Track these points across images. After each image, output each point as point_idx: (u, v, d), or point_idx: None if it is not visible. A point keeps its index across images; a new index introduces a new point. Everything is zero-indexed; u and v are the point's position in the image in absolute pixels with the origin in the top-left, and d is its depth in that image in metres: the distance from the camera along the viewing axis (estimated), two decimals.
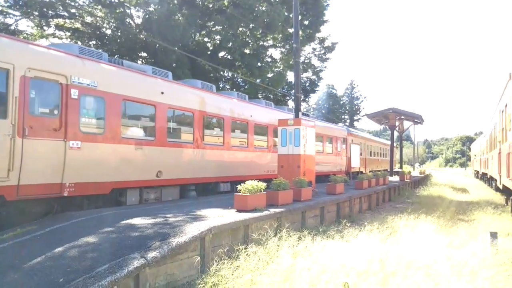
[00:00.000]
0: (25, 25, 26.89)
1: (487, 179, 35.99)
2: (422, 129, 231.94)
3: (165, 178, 12.85)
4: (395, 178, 30.05)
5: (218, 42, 30.90)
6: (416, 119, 38.44)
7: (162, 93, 12.98)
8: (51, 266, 5.77)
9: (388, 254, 7.78)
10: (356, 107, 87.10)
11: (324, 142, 25.59)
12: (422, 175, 40.35)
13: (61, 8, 25.96)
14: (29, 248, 6.80)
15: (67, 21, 27.18)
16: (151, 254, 6.10)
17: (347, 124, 75.77)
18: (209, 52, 30.40)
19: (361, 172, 26.15)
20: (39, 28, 27.12)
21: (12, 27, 25.58)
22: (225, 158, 15.94)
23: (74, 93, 10.07)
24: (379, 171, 31.29)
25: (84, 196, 10.64)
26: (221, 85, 32.84)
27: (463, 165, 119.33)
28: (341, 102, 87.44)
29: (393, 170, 36.48)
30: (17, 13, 25.49)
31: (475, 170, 53.04)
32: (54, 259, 6.06)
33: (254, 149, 18.07)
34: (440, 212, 14.37)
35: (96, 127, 10.83)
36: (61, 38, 27.75)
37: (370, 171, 30.52)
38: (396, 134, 39.99)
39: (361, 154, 32.08)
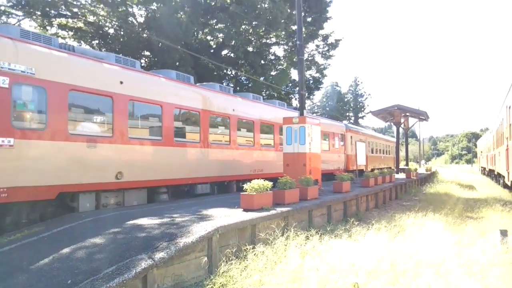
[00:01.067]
0: (28, 24, 26.80)
1: (495, 176, 35.77)
2: (427, 126, 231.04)
3: (127, 180, 11.44)
4: (401, 176, 29.89)
5: (221, 40, 30.80)
6: (421, 115, 38.28)
7: (122, 83, 11.58)
8: (59, 268, 5.73)
9: (397, 253, 7.71)
10: (361, 104, 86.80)
11: (323, 139, 24.32)
12: (429, 172, 40.18)
13: (64, 8, 25.92)
14: (37, 249, 6.78)
15: (70, 20, 27.15)
16: (159, 255, 6.05)
17: (351, 121, 75.52)
18: (212, 50, 30.33)
19: (362, 171, 25.15)
20: (42, 28, 27.09)
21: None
22: (202, 157, 14.65)
23: (3, 81, 8.65)
24: (381, 169, 30.93)
25: (26, 202, 9.20)
26: (224, 83, 32.75)
27: (469, 161, 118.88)
28: (346, 100, 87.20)
29: (399, 167, 36.34)
30: (20, 13, 25.47)
31: (481, 167, 52.77)
32: (61, 260, 6.03)
33: (238, 147, 16.84)
34: (447, 209, 14.28)
35: (36, 122, 9.37)
36: (64, 38, 27.73)
37: (372, 169, 29.86)
38: (401, 131, 39.77)
39: (371, 151, 31.72)
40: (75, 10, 26.51)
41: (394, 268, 6.81)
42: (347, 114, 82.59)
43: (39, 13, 24.85)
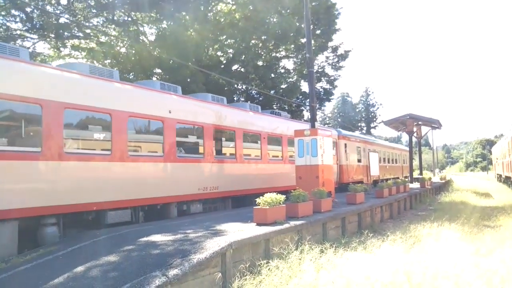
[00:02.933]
0: (42, 47, 27.37)
1: (511, 183, 35.21)
2: (440, 134, 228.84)
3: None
4: (416, 185, 29.57)
5: (231, 55, 31.06)
6: (434, 124, 37.93)
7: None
8: (74, 287, 5.77)
9: (413, 265, 7.61)
10: (372, 114, 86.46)
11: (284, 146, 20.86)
12: (443, 181, 39.66)
13: (76, 29, 26.46)
14: (52, 268, 6.83)
15: (82, 41, 27.66)
16: (173, 272, 6.05)
17: (363, 131, 75.14)
18: (222, 66, 30.56)
19: (361, 182, 22.81)
20: (55, 50, 27.65)
21: (30, 50, 26.13)
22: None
23: None
24: (387, 180, 28.52)
25: None
26: (235, 98, 32.92)
27: (484, 169, 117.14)
28: (357, 110, 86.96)
29: (413, 177, 35.95)
30: (35, 36, 26.07)
31: (497, 174, 51.98)
32: (76, 279, 6.07)
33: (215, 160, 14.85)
34: (464, 218, 14.06)
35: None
36: (77, 58, 28.24)
37: (375, 181, 27.87)
38: (414, 140, 39.45)
39: (359, 160, 28.36)
40: (88, 31, 27.04)
41: (410, 280, 6.71)
42: (359, 124, 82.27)
43: (52, 35, 25.38)
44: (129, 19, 27.12)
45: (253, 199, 15.19)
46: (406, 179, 27.69)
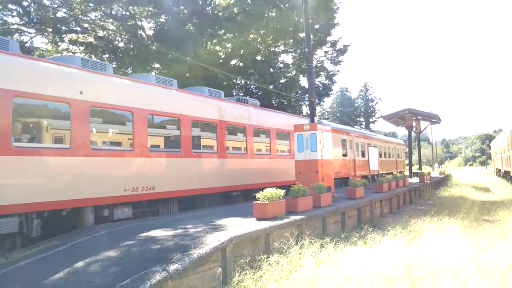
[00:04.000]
0: (40, 41, 27.27)
1: (510, 177, 35.29)
2: (439, 129, 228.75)
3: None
4: (415, 180, 29.61)
5: (229, 50, 30.97)
6: (433, 119, 37.98)
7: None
8: (74, 282, 5.76)
9: (413, 259, 7.60)
10: (371, 109, 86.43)
11: (273, 139, 18.47)
12: (442, 176, 39.73)
13: (74, 23, 26.34)
14: (52, 263, 6.82)
15: (80, 35, 27.55)
16: (173, 267, 6.04)
17: (362, 126, 75.13)
18: (221, 61, 30.49)
19: (347, 178, 20.40)
20: (53, 44, 27.54)
21: (28, 44, 26.02)
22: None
23: None
24: (380, 175, 26.75)
25: None
26: (234, 93, 32.86)
27: (483, 163, 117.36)
28: (356, 105, 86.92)
29: (412, 171, 36.00)
30: (32, 31, 25.94)
31: (496, 169, 52.06)
32: (77, 274, 6.05)
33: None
34: (463, 213, 14.07)
35: None
36: (75, 53, 28.12)
37: (363, 177, 24.25)
38: (413, 135, 39.46)
39: (345, 155, 25.28)
40: (86, 25, 26.91)
41: (411, 274, 6.71)
42: (358, 119, 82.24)
43: (50, 30, 25.26)
44: (127, 13, 27.00)
45: (215, 199, 14.71)
46: (400, 174, 26.44)
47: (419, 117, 37.17)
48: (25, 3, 24.21)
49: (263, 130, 17.95)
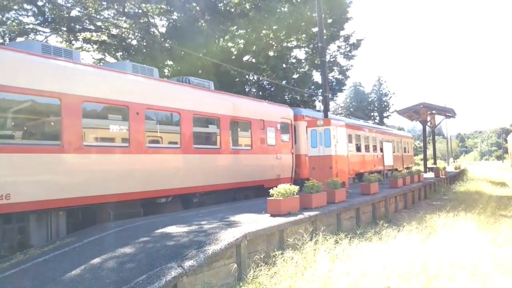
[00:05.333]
0: (55, 40, 27.57)
1: None
2: (454, 123, 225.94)
3: None
4: (430, 175, 29.30)
5: (242, 46, 30.94)
6: (448, 113, 37.49)
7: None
8: (91, 278, 5.82)
9: (429, 255, 7.55)
10: (385, 103, 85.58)
11: (226, 130, 14.36)
12: (458, 170, 39.23)
13: (88, 22, 26.57)
14: (69, 260, 6.90)
15: (94, 34, 27.79)
16: (188, 263, 6.06)
17: (376, 121, 74.49)
18: (233, 57, 30.49)
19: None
20: (67, 43, 27.83)
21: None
22: None
23: None
24: (372, 172, 23.57)
25: None
26: (247, 89, 32.84)
27: (499, 158, 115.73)
28: (370, 99, 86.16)
29: (427, 166, 35.64)
30: (47, 30, 26.25)
31: None
32: (93, 270, 6.12)
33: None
34: (480, 208, 13.88)
35: None
36: (88, 51, 28.42)
37: (357, 175, 22.53)
38: (428, 129, 39.02)
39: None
40: (99, 24, 27.13)
41: (427, 270, 6.66)
42: (372, 114, 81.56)
43: (64, 28, 25.52)
44: (140, 11, 27.13)
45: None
46: (409, 170, 24.66)
47: (433, 111, 36.73)
48: (40, 3, 24.50)
49: (213, 118, 13.99)
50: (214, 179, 13.54)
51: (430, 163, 41.81)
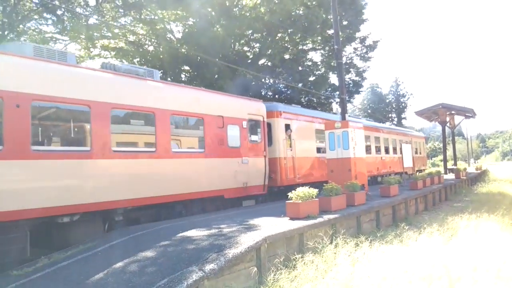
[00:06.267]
0: (73, 48, 28.05)
1: None
2: (474, 123, 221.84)
3: None
4: (450, 176, 28.87)
5: (257, 50, 31.01)
6: (468, 113, 36.88)
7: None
8: (113, 282, 5.91)
9: (452, 257, 7.43)
10: (403, 104, 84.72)
11: (165, 128, 11.57)
12: (479, 171, 38.56)
13: (105, 30, 26.97)
14: (92, 264, 7.02)
15: (112, 41, 28.18)
16: (209, 267, 6.11)
17: (394, 122, 73.72)
18: (249, 61, 30.57)
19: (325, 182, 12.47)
20: (86, 50, 28.28)
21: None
22: None
23: None
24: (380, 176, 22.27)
25: None
26: (263, 92, 32.86)
27: None
28: (387, 101, 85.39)
29: (447, 167, 35.13)
30: (66, 38, 26.73)
31: None
32: (115, 274, 6.21)
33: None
34: (503, 209, 13.61)
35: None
36: (106, 58, 28.82)
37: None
38: (447, 130, 38.44)
39: (320, 150, 18.63)
40: (116, 31, 27.52)
41: (449, 273, 6.56)
42: (390, 115, 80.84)
43: (83, 36, 25.96)
44: (156, 17, 27.42)
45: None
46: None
47: (453, 112, 36.19)
48: (59, 12, 24.96)
49: (146, 113, 11.15)
50: (146, 190, 10.70)
51: (450, 164, 41.19)
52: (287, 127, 16.76)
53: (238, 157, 14.02)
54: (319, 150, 18.76)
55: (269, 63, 31.55)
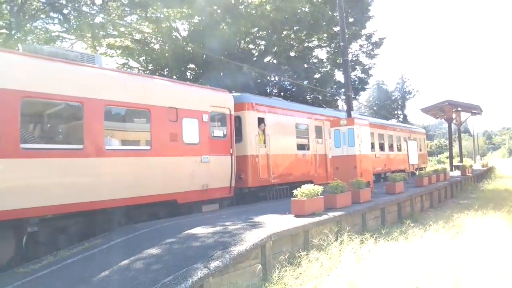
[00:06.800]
0: (80, 46, 28.17)
1: None
2: (481, 120, 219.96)
3: None
4: (456, 173, 28.71)
5: (263, 47, 30.98)
6: (474, 110, 36.69)
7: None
8: (119, 279, 5.94)
9: (458, 254, 7.40)
10: (406, 100, 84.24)
11: (97, 121, 9.82)
12: (485, 168, 38.33)
13: (111, 28, 27.06)
14: (97, 261, 7.06)
15: (118, 40, 28.27)
16: (214, 264, 6.12)
17: (400, 119, 73.37)
18: (254, 58, 30.55)
19: (308, 182, 11.75)
20: (92, 49, 28.41)
21: None
22: None
23: None
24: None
25: None
26: (268, 90, 32.84)
27: None
28: (393, 98, 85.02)
29: (453, 164, 34.98)
30: (72, 37, 26.85)
31: None
32: (121, 272, 6.24)
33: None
34: (509, 206, 13.54)
35: None
36: (112, 56, 28.92)
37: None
38: (453, 127, 38.23)
39: (304, 147, 17.35)
40: (122, 29, 27.60)
41: (455, 270, 6.53)
42: (395, 112, 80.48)
43: (89, 35, 26.07)
44: (162, 15, 27.46)
45: None
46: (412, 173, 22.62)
47: (459, 109, 36.05)
48: (65, 11, 25.08)
49: (71, 103, 9.45)
50: (70, 195, 9.02)
51: (456, 161, 40.96)
52: (261, 121, 15.03)
53: (196, 155, 12.15)
54: (302, 147, 17.23)
55: (275, 61, 31.52)
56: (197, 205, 12.41)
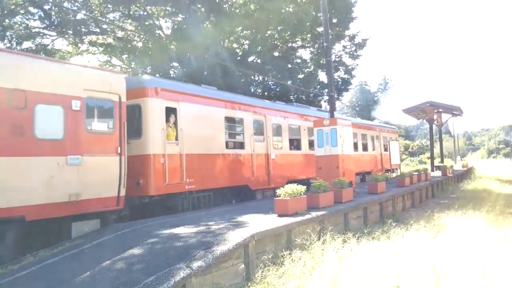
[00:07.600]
0: (61, 44, 27.77)
1: None
2: (461, 121, 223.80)
3: None
4: (437, 173, 29.15)
5: (247, 47, 30.95)
6: (455, 111, 37.27)
7: None
8: (100, 280, 5.86)
9: (439, 253, 7.51)
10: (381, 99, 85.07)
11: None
12: (465, 169, 38.98)
13: (94, 25, 26.70)
14: (79, 261, 6.96)
15: (100, 37, 27.91)
16: (196, 264, 6.09)
17: (380, 120, 74.03)
18: (238, 58, 30.50)
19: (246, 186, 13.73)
20: (73, 46, 27.99)
21: (49, 47, 26.47)
22: None
23: None
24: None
25: None
26: (252, 89, 32.83)
27: (507, 155, 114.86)
28: (376, 98, 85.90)
29: (434, 165, 35.48)
30: (53, 33, 26.40)
31: None
32: (102, 272, 6.16)
33: None
34: (488, 206, 13.80)
35: None
36: (94, 54, 28.55)
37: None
38: (434, 128, 38.75)
39: (229, 145, 14.59)
40: (104, 26, 27.25)
41: (436, 269, 6.63)
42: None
43: (71, 32, 25.67)
44: (145, 13, 27.22)
45: None
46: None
47: (440, 110, 36.54)
48: (46, 7, 24.63)
49: None
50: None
51: (437, 162, 41.58)
52: (171, 111, 12.16)
53: (59, 155, 8.76)
54: (234, 145, 14.89)
55: (259, 60, 31.52)
56: (63, 221, 9.05)
